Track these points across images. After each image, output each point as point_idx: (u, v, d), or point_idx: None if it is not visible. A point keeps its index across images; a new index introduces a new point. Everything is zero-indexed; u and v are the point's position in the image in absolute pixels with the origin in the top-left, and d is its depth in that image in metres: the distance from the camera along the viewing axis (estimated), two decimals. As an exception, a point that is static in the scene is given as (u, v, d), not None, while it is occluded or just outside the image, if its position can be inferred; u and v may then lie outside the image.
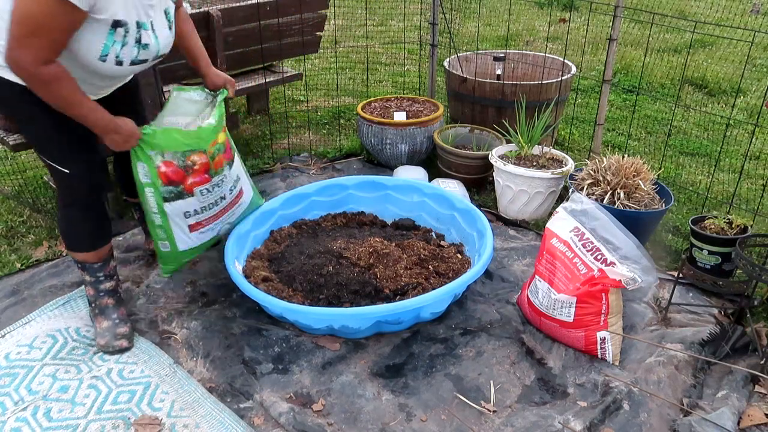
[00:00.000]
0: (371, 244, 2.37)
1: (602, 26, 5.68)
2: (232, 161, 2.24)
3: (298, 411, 1.82)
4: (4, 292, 2.36)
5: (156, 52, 1.89)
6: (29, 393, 1.89)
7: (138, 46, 1.81)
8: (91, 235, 2.06)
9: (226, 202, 2.27)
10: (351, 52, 5.45)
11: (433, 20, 3.58)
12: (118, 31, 1.74)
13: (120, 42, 1.76)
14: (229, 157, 2.22)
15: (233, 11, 3.08)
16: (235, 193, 2.31)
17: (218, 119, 2.12)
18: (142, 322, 2.21)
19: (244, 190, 2.38)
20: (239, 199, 2.35)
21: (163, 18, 1.90)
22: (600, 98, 3.16)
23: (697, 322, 2.19)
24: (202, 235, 2.23)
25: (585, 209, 2.14)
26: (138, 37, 1.80)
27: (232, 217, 2.36)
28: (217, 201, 2.21)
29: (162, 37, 1.89)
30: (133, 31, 1.78)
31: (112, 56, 1.77)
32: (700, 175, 3.29)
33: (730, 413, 1.78)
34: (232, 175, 2.25)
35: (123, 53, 1.79)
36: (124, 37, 1.76)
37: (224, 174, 2.19)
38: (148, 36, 1.83)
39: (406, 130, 3.22)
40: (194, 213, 2.15)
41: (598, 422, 1.78)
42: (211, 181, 2.14)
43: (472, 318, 2.23)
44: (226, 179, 2.21)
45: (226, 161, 2.20)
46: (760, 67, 5.09)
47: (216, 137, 2.11)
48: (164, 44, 1.92)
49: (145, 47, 1.84)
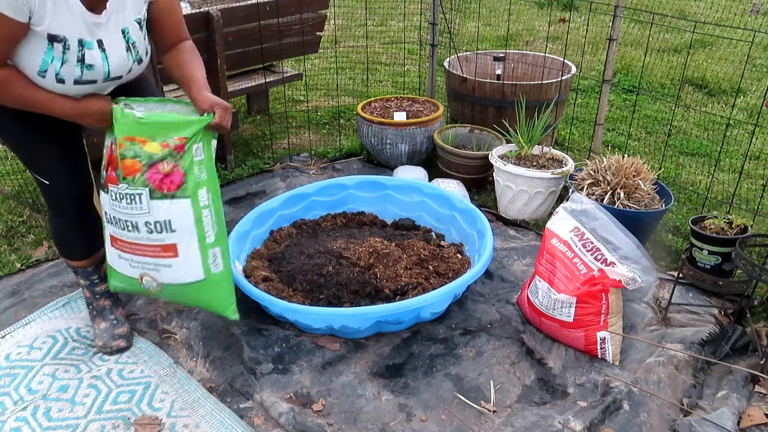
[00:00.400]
0: (371, 244, 2.37)
1: (602, 26, 5.68)
2: (168, 194, 1.73)
3: (298, 411, 1.82)
4: (4, 293, 2.36)
5: (104, 74, 1.74)
6: (29, 392, 1.89)
7: (80, 66, 1.68)
8: (82, 244, 2.05)
9: (141, 240, 1.80)
10: (351, 52, 5.45)
11: (433, 20, 3.58)
12: (56, 46, 1.63)
13: (59, 59, 1.65)
14: (167, 184, 1.72)
15: (233, 11, 3.08)
16: (160, 241, 1.78)
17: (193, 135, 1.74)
18: (142, 321, 2.21)
19: (181, 258, 1.80)
20: (168, 257, 1.80)
21: (120, 37, 1.75)
22: (600, 98, 3.16)
23: (697, 322, 2.19)
24: (122, 261, 1.87)
25: (585, 209, 2.14)
26: (80, 56, 1.67)
27: (158, 275, 1.83)
28: (128, 225, 1.79)
29: (114, 57, 1.74)
30: (75, 48, 1.66)
31: (51, 73, 1.66)
32: (700, 175, 3.29)
33: (730, 413, 1.78)
34: (158, 211, 1.75)
35: (63, 71, 1.67)
36: (63, 53, 1.65)
37: (136, 192, 1.73)
38: (93, 56, 1.70)
39: (406, 130, 3.22)
40: (110, 220, 1.83)
41: (598, 422, 1.78)
42: (118, 187, 1.76)
43: (472, 318, 2.23)
44: (137, 203, 1.74)
45: (150, 181, 1.71)
46: (760, 67, 5.08)
47: (175, 135, 1.71)
48: (117, 66, 1.76)
49: (90, 68, 1.70)
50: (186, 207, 1.76)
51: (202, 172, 1.77)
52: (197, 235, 1.79)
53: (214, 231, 1.82)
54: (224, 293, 1.88)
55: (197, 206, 1.77)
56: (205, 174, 1.78)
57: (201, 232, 1.79)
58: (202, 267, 1.82)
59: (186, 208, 1.76)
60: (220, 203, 1.85)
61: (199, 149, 1.76)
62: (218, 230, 1.84)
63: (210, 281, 1.84)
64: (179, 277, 1.83)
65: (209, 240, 1.81)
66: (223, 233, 1.86)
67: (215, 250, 1.83)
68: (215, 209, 1.82)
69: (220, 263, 1.85)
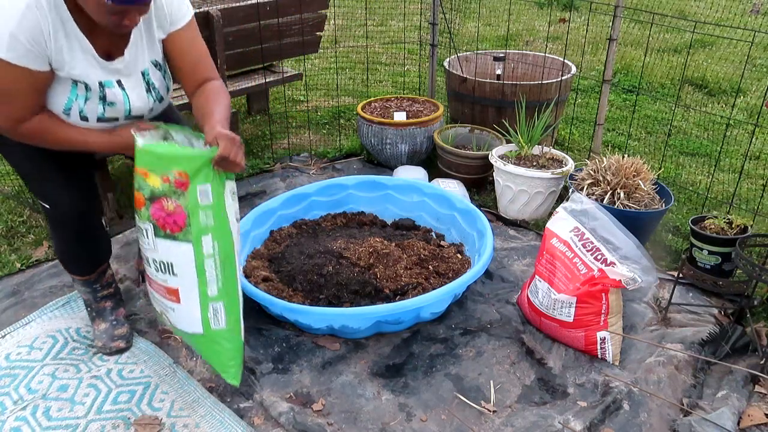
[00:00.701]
0: (371, 244, 2.37)
1: (602, 26, 5.68)
2: (170, 234, 1.62)
3: (298, 411, 1.82)
4: (4, 293, 2.36)
5: (126, 112, 1.79)
6: (29, 392, 1.89)
7: (103, 104, 1.74)
8: (86, 261, 2.03)
9: (152, 276, 1.72)
10: (351, 52, 5.45)
11: (433, 20, 3.58)
12: (79, 85, 1.69)
13: (83, 96, 1.71)
14: (170, 224, 1.61)
15: (233, 11, 3.08)
16: (164, 282, 1.69)
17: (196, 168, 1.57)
18: (142, 321, 2.21)
19: (183, 305, 1.69)
20: (172, 301, 1.71)
21: (139, 79, 1.80)
22: (600, 98, 3.16)
23: (697, 322, 2.19)
24: (152, 295, 1.81)
25: (585, 209, 2.14)
26: (102, 95, 1.73)
27: (168, 316, 1.76)
28: (145, 257, 1.71)
29: (135, 97, 1.79)
30: (96, 89, 1.72)
31: (76, 110, 1.72)
32: (700, 175, 3.29)
33: (730, 413, 1.78)
34: (161, 250, 1.64)
35: (87, 109, 1.73)
36: (86, 92, 1.71)
37: (143, 227, 1.65)
38: (114, 94, 1.75)
39: (406, 130, 3.22)
40: (144, 246, 1.72)
41: (598, 422, 1.78)
42: (136, 219, 1.69)
43: (472, 318, 2.23)
44: (145, 237, 1.66)
45: (154, 217, 1.61)
46: (760, 67, 5.08)
47: (174, 168, 1.57)
48: (138, 105, 1.81)
49: (112, 105, 1.75)
50: (188, 252, 1.62)
51: (208, 217, 1.60)
52: (198, 284, 1.65)
53: (218, 284, 1.66)
54: (224, 352, 1.72)
55: (200, 254, 1.62)
56: (212, 220, 1.61)
57: (203, 282, 1.64)
58: (201, 320, 1.68)
59: (188, 254, 1.62)
60: (231, 254, 1.67)
61: (206, 192, 1.59)
62: (224, 283, 1.67)
63: (208, 337, 1.70)
64: (182, 324, 1.73)
65: (211, 293, 1.65)
66: (231, 288, 1.69)
67: (217, 305, 1.67)
68: (222, 260, 1.65)
69: (222, 320, 1.69)
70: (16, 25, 1.52)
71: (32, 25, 1.55)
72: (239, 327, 1.75)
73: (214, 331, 1.69)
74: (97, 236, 2.02)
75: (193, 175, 1.57)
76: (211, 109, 1.75)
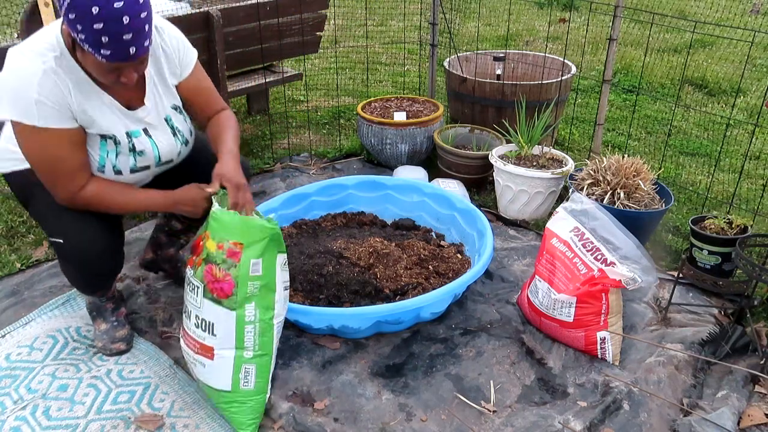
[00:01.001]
0: (371, 244, 2.37)
1: (602, 26, 5.68)
2: (216, 299, 1.68)
3: (298, 410, 1.82)
4: (4, 293, 2.36)
5: (156, 159, 1.84)
6: (29, 392, 1.89)
7: (133, 154, 1.79)
8: (100, 287, 2.02)
9: (189, 330, 1.77)
10: (351, 52, 5.45)
11: (433, 20, 3.58)
12: (108, 141, 1.74)
13: (114, 151, 1.76)
14: (216, 289, 1.67)
15: (233, 11, 3.08)
16: (201, 339, 1.73)
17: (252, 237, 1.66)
18: (142, 321, 2.21)
19: (215, 363, 1.72)
20: (204, 357, 1.73)
21: (164, 125, 1.85)
22: (600, 98, 3.16)
23: (697, 322, 2.19)
24: (183, 346, 1.83)
25: (585, 209, 2.14)
26: (131, 146, 1.78)
27: (194, 369, 1.78)
28: (187, 310, 1.77)
29: (163, 143, 1.85)
30: (125, 141, 1.76)
31: (109, 166, 1.77)
32: (700, 175, 3.29)
33: (730, 413, 1.78)
34: (206, 310, 1.70)
35: (119, 163, 1.78)
36: (116, 146, 1.76)
37: (195, 284, 1.71)
38: (142, 142, 1.80)
39: (406, 130, 3.22)
40: (189, 301, 1.77)
41: (598, 422, 1.78)
42: (188, 272, 1.76)
43: (472, 318, 2.23)
44: (194, 294, 1.72)
45: (205, 279, 1.68)
46: (760, 67, 5.09)
47: (231, 238, 1.66)
48: (167, 151, 1.86)
49: (141, 154, 1.81)
50: (230, 319, 1.68)
51: (255, 288, 1.68)
52: (235, 348, 1.70)
53: (254, 348, 1.72)
54: (247, 410, 1.74)
55: (241, 321, 1.68)
56: (258, 290, 1.68)
57: (240, 346, 1.70)
58: (231, 379, 1.72)
59: (230, 320, 1.68)
60: (270, 320, 1.73)
61: (258, 265, 1.67)
62: (260, 348, 1.73)
63: (235, 395, 1.73)
64: (209, 379, 1.75)
65: (247, 355, 1.71)
66: (266, 351, 1.75)
67: (250, 367, 1.72)
68: (261, 326, 1.71)
69: (252, 381, 1.73)
70: (38, 92, 1.58)
71: (52, 87, 1.60)
72: (267, 387, 1.80)
73: (243, 390, 1.73)
74: (117, 270, 1.99)
75: (248, 247, 1.66)
76: (223, 138, 1.88)
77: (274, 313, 1.74)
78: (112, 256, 1.88)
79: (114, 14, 1.45)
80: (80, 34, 1.48)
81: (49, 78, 1.59)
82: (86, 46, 1.50)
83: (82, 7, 1.43)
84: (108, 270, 1.93)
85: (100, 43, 1.48)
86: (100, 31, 1.46)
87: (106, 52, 1.50)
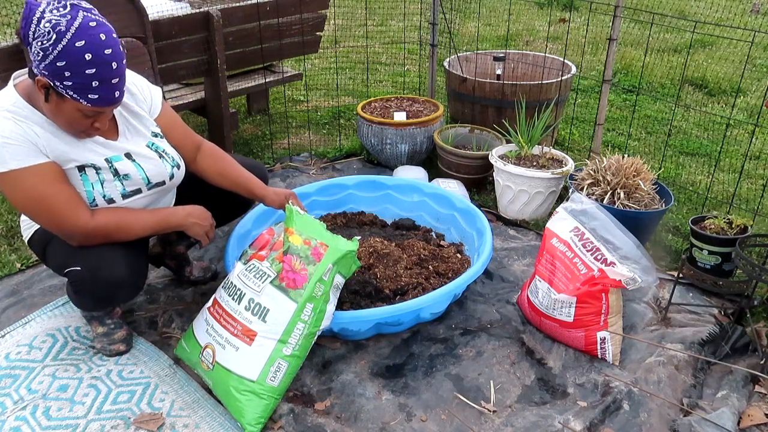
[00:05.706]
0: (371, 244, 2.37)
1: (602, 26, 5.68)
2: (284, 288, 1.75)
3: (298, 411, 1.82)
4: (4, 293, 2.36)
5: (145, 181, 1.80)
6: (29, 392, 1.89)
7: (118, 179, 1.74)
8: (103, 308, 2.02)
9: (234, 312, 1.80)
10: (351, 52, 5.45)
11: (433, 20, 3.58)
12: (88, 172, 1.70)
13: (98, 181, 1.71)
14: (288, 279, 1.76)
15: (233, 11, 3.08)
16: (247, 323, 1.76)
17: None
18: (142, 321, 2.21)
19: (251, 349, 1.74)
20: (241, 340, 1.76)
21: (147, 150, 1.82)
22: (600, 98, 3.16)
23: (697, 322, 2.19)
24: (204, 324, 1.89)
25: (585, 209, 2.14)
26: (113, 170, 1.74)
27: (220, 351, 1.79)
28: (237, 292, 1.82)
29: (149, 166, 1.81)
30: (105, 166, 1.72)
31: (99, 198, 1.72)
32: (700, 175, 3.29)
33: (730, 413, 1.78)
34: (267, 295, 1.76)
35: (107, 190, 1.73)
36: (98, 173, 1.71)
37: (267, 273, 1.78)
38: (125, 166, 1.76)
39: (406, 130, 3.22)
40: (227, 285, 1.87)
41: (598, 422, 1.78)
42: (261, 263, 1.81)
43: (472, 318, 2.23)
44: (259, 279, 1.78)
45: (282, 269, 1.76)
46: (760, 67, 5.09)
47: (319, 239, 1.83)
48: (155, 173, 1.82)
49: (127, 177, 1.76)
50: (289, 310, 1.74)
51: (320, 290, 1.78)
52: (279, 340, 1.74)
53: (294, 347, 1.76)
54: (259, 406, 1.73)
55: (297, 315, 1.74)
56: (321, 293, 1.78)
57: (284, 340, 1.74)
58: (261, 370, 1.72)
59: (288, 311, 1.74)
60: (317, 328, 1.80)
61: (330, 272, 1.81)
62: (300, 349, 1.77)
63: (256, 386, 1.72)
64: (236, 365, 1.74)
65: (286, 351, 1.74)
66: (302, 354, 1.79)
67: (284, 363, 1.74)
68: (309, 330, 1.77)
69: (279, 378, 1.74)
70: (5, 135, 1.56)
71: (13, 127, 1.57)
72: (285, 391, 1.82)
73: (267, 384, 1.74)
74: (133, 296, 1.98)
75: (331, 252, 1.82)
76: (241, 174, 2.01)
77: (322, 322, 1.81)
78: (133, 285, 1.83)
79: (105, 59, 1.50)
80: (66, 81, 1.49)
81: (8, 120, 1.57)
82: (70, 92, 1.51)
83: (76, 54, 1.47)
84: (127, 298, 1.94)
85: (89, 88, 1.51)
86: (92, 76, 1.50)
87: (94, 96, 1.53)
